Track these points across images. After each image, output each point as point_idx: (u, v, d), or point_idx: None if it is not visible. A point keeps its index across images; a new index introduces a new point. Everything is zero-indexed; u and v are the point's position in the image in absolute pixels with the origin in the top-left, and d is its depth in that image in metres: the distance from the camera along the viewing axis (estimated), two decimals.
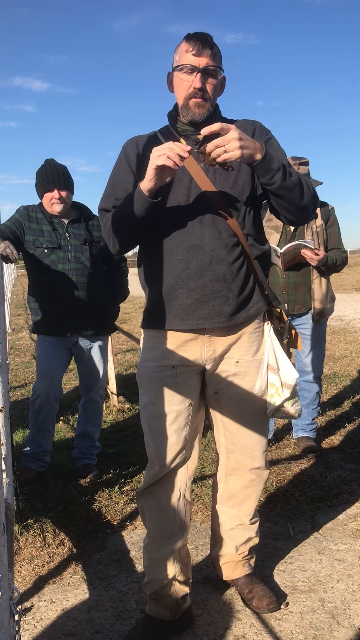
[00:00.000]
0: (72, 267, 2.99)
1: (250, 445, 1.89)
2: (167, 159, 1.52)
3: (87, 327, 3.05)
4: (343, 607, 1.95)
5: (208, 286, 1.70)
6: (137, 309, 12.45)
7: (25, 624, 1.95)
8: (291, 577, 2.16)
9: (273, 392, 1.81)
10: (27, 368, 6.48)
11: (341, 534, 2.46)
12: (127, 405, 4.56)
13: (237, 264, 1.73)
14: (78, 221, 3.09)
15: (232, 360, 1.81)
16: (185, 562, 1.90)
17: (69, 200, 3.03)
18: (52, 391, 3.06)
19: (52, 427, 3.19)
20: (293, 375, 1.81)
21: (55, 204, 2.97)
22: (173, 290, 1.73)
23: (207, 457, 3.31)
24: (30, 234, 2.99)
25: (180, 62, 1.71)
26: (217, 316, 1.73)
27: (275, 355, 1.82)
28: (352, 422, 3.90)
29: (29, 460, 3.12)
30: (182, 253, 1.71)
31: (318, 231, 3.21)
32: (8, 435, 1.96)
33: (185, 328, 1.74)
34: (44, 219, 3.03)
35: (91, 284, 3.03)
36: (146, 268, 1.82)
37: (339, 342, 7.10)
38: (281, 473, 3.09)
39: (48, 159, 3.04)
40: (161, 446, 1.79)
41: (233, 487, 1.96)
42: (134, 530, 2.58)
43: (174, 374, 1.78)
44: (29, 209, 3.06)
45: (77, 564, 2.31)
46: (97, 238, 3.09)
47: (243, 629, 1.86)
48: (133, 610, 1.99)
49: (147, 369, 1.82)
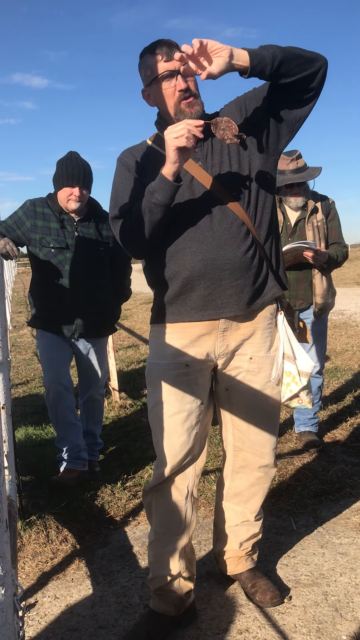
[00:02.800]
0: (78, 269, 2.91)
1: (260, 442, 1.89)
2: (187, 140, 1.53)
3: (87, 329, 2.99)
4: (346, 600, 1.96)
5: (225, 275, 1.71)
6: (137, 305, 12.45)
7: (29, 620, 1.95)
8: (294, 571, 2.16)
9: (289, 380, 1.82)
10: (29, 365, 6.49)
11: (344, 528, 2.46)
12: (128, 401, 4.56)
13: (251, 252, 1.73)
14: (88, 219, 2.99)
15: (246, 356, 1.80)
16: (190, 558, 1.90)
17: (86, 199, 2.94)
18: (61, 381, 2.97)
19: (74, 419, 3.04)
20: (310, 363, 1.82)
21: (72, 201, 2.88)
22: (189, 282, 1.72)
23: (210, 452, 3.31)
24: (36, 232, 2.90)
25: (154, 73, 1.72)
26: (236, 304, 1.74)
27: (291, 344, 1.83)
28: (354, 416, 3.90)
29: (67, 462, 3.00)
30: (197, 246, 1.70)
31: (319, 225, 3.20)
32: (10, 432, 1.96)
33: (204, 319, 1.74)
34: (52, 215, 2.93)
35: (96, 286, 2.96)
36: (157, 266, 1.79)
37: (340, 337, 7.09)
38: (283, 467, 3.09)
39: (72, 151, 2.94)
40: (172, 446, 1.77)
41: (240, 484, 1.96)
42: (137, 525, 2.59)
43: (187, 372, 1.77)
44: (36, 203, 2.95)
45: (81, 560, 2.32)
46: (106, 238, 3.01)
47: (246, 623, 1.87)
48: (137, 606, 2.00)
49: (158, 366, 1.80)
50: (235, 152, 1.73)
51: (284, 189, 3.17)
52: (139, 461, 3.27)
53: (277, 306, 1.86)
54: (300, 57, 1.58)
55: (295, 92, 1.64)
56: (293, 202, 3.19)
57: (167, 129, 1.58)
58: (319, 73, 1.61)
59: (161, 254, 1.76)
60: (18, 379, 5.74)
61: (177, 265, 1.73)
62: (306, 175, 3.13)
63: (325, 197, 3.30)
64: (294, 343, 1.84)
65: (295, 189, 3.16)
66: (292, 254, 3.00)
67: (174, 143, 1.55)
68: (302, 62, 1.58)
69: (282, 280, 1.87)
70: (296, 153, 3.15)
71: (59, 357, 3.00)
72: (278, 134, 1.74)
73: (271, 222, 1.82)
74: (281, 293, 1.84)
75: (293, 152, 3.16)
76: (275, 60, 1.55)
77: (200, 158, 1.74)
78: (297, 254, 3.02)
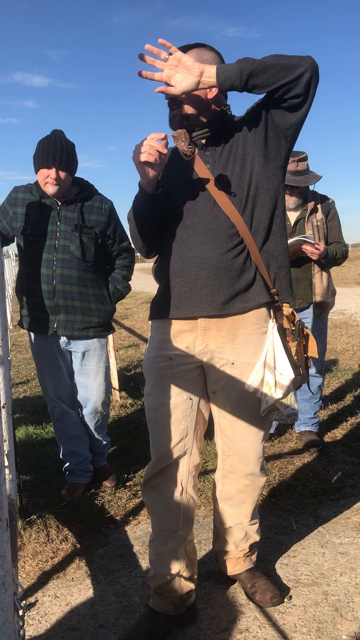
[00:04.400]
0: (57, 257, 2.62)
1: (244, 450, 1.87)
2: (149, 155, 1.61)
3: (74, 327, 2.70)
4: (346, 600, 1.96)
5: (201, 275, 1.73)
6: (138, 305, 12.45)
7: (30, 619, 1.95)
8: (294, 570, 2.16)
9: (267, 390, 1.76)
10: (29, 364, 6.49)
11: (344, 527, 2.46)
12: (129, 400, 4.56)
13: (233, 253, 1.73)
14: (74, 202, 2.67)
15: (228, 362, 1.79)
16: (191, 558, 1.90)
17: (66, 182, 2.63)
18: (62, 399, 2.82)
19: (81, 431, 2.88)
20: (288, 376, 1.73)
21: (49, 184, 2.59)
22: (172, 280, 1.79)
23: (210, 451, 3.31)
24: (17, 220, 2.66)
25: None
26: (209, 304, 1.74)
27: (275, 353, 1.77)
28: (355, 415, 3.90)
29: (74, 476, 2.89)
30: (179, 245, 1.77)
31: (318, 225, 3.21)
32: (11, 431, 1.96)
33: (179, 316, 1.78)
34: (34, 201, 2.66)
35: (80, 277, 2.67)
36: (157, 263, 1.89)
37: (341, 336, 7.09)
38: (284, 467, 3.09)
39: (56, 130, 2.66)
40: (158, 436, 1.83)
41: (229, 489, 1.96)
42: (138, 525, 2.59)
43: (171, 365, 1.80)
44: (19, 190, 2.71)
45: (81, 559, 2.32)
46: (91, 223, 2.69)
47: (247, 623, 1.87)
48: (137, 605, 2.00)
49: (148, 359, 1.88)
50: (241, 156, 1.75)
51: None
52: (140, 460, 3.27)
53: (269, 313, 1.81)
54: (274, 66, 1.58)
55: (281, 100, 1.64)
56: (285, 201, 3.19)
57: (136, 145, 1.66)
58: (301, 79, 1.59)
59: (159, 253, 1.88)
60: (18, 378, 5.74)
61: (166, 263, 1.81)
62: (302, 180, 3.13)
63: (325, 197, 3.30)
64: (278, 353, 1.76)
65: (288, 189, 3.16)
66: (291, 248, 3.02)
67: (137, 159, 1.64)
68: (276, 71, 1.58)
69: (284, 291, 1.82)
70: (301, 155, 3.15)
71: (52, 368, 2.77)
72: (277, 139, 1.74)
73: (271, 229, 1.79)
74: (267, 300, 1.78)
75: (299, 154, 3.16)
76: (243, 74, 1.58)
77: (209, 161, 1.77)
78: (297, 248, 3.04)
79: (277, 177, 1.78)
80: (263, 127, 1.73)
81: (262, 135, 1.73)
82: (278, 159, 1.77)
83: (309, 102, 1.66)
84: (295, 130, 1.72)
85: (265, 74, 1.58)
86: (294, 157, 3.13)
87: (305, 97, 1.63)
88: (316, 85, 1.63)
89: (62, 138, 2.61)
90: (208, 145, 1.78)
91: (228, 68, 1.60)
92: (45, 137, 2.62)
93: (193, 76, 1.61)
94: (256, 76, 1.58)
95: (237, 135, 1.77)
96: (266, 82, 1.59)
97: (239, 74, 1.58)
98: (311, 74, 1.59)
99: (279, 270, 1.81)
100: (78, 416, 2.91)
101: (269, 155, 1.75)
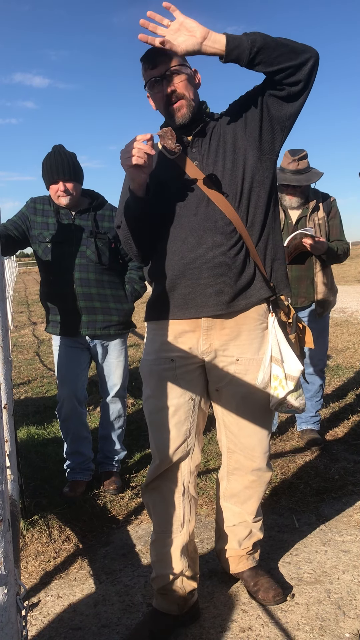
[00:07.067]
0: (76, 262, 2.80)
1: (250, 445, 1.87)
2: (138, 158, 1.58)
3: (96, 327, 2.87)
4: (349, 597, 1.96)
5: (204, 274, 1.72)
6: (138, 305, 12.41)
7: (33, 619, 1.96)
8: (297, 568, 2.16)
9: (276, 384, 1.78)
10: (30, 365, 6.49)
11: (346, 525, 2.46)
12: (130, 400, 4.56)
13: (233, 251, 1.73)
14: (87, 211, 2.88)
15: (232, 358, 1.79)
16: (192, 557, 1.90)
17: (76, 192, 2.83)
18: (76, 396, 2.91)
19: (86, 432, 3.01)
20: (297, 368, 1.77)
21: (61, 197, 2.79)
22: (171, 282, 1.76)
23: (212, 450, 3.31)
24: (35, 228, 2.85)
25: (144, 81, 1.78)
26: (215, 303, 1.74)
27: (280, 346, 1.79)
28: (356, 413, 3.90)
29: (75, 473, 2.96)
30: (178, 245, 1.74)
31: (320, 223, 3.20)
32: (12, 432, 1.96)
33: (185, 317, 1.76)
34: (51, 211, 2.86)
35: (97, 279, 2.84)
36: (150, 264, 1.86)
37: (342, 334, 7.09)
38: (285, 465, 3.09)
39: (56, 145, 2.85)
40: (161, 439, 1.80)
41: (235, 486, 1.96)
42: (140, 524, 2.59)
43: (172, 367, 1.79)
44: (37, 200, 2.90)
45: (83, 559, 2.32)
46: (105, 229, 2.89)
47: (249, 621, 1.87)
48: (139, 604, 2.00)
49: (147, 361, 1.85)
50: (231, 151, 1.74)
51: (280, 187, 3.17)
52: (141, 460, 3.27)
53: (268, 307, 1.82)
54: (285, 46, 1.58)
55: (282, 84, 1.64)
56: (287, 201, 3.19)
57: (122, 150, 1.63)
58: (305, 65, 1.61)
59: (152, 255, 1.83)
60: (20, 379, 5.74)
61: (162, 265, 1.77)
62: (303, 179, 3.12)
63: (326, 195, 3.29)
64: (283, 346, 1.79)
65: (290, 189, 3.16)
66: (292, 243, 3.01)
67: (127, 163, 1.61)
68: (285, 51, 1.58)
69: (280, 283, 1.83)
70: (301, 153, 3.14)
71: (75, 367, 2.92)
72: (272, 132, 1.74)
73: (266, 223, 1.79)
74: (268, 295, 1.78)
75: (299, 152, 3.15)
76: (254, 46, 1.56)
77: (197, 158, 1.75)
78: (297, 243, 3.03)
79: (270, 171, 1.79)
80: (257, 120, 1.72)
81: (256, 128, 1.73)
82: (272, 152, 1.77)
83: (307, 92, 1.67)
84: (292, 122, 1.73)
85: (275, 51, 1.57)
86: (294, 156, 3.12)
87: (305, 84, 1.65)
88: (315, 76, 1.65)
89: (62, 152, 2.81)
90: (194, 142, 1.76)
91: (238, 38, 1.57)
92: (47, 155, 2.82)
93: (196, 37, 1.57)
94: (266, 52, 1.57)
95: (224, 130, 1.75)
96: (273, 60, 1.58)
97: (250, 45, 1.55)
98: (315, 62, 1.61)
99: (274, 263, 1.82)
100: (85, 415, 3.03)
101: (263, 148, 1.75)
